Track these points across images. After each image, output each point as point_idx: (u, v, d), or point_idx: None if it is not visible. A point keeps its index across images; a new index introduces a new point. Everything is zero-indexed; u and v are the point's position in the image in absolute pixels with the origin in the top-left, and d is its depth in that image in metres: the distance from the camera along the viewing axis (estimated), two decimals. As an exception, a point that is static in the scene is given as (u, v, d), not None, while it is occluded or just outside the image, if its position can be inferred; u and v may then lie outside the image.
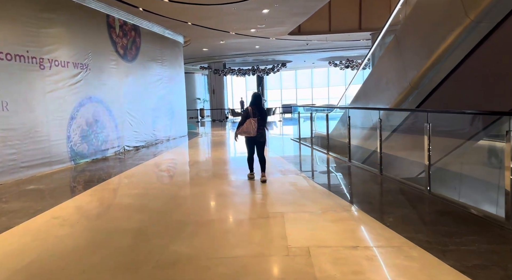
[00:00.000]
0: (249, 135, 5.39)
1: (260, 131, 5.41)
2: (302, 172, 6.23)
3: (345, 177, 5.92)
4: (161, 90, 11.76)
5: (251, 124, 5.33)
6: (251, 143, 5.54)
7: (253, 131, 5.32)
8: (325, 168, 6.77)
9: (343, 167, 6.49)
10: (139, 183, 5.72)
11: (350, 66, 21.82)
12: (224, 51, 18.10)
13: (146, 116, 10.73)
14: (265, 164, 5.54)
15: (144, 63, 10.75)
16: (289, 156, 8.60)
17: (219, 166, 7.14)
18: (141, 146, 10.39)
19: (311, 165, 7.22)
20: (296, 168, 6.60)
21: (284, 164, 7.00)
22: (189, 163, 7.70)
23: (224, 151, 9.76)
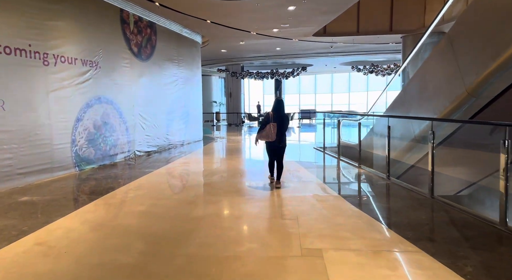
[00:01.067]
0: (268, 140, 5.44)
1: (280, 136, 5.39)
2: (334, 190, 5.35)
3: (388, 199, 5.01)
4: (177, 92, 11.07)
5: (270, 129, 5.37)
6: (271, 149, 5.55)
7: (272, 136, 5.36)
8: (361, 186, 5.86)
9: (381, 186, 5.58)
10: (146, 197, 4.96)
11: (374, 71, 20.76)
12: (243, 53, 17.38)
13: (159, 119, 10.05)
14: (281, 172, 5.54)
15: (159, 63, 10.09)
16: (315, 167, 7.72)
17: (236, 178, 6.33)
18: (153, 151, 9.69)
19: (344, 182, 6.33)
20: (327, 184, 5.72)
21: (310, 178, 6.15)
22: (204, 173, 6.92)
23: (241, 159, 8.95)
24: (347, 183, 6.08)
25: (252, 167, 7.78)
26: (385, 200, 4.86)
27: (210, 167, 7.56)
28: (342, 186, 5.77)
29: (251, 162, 8.54)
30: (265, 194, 5.12)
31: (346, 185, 5.91)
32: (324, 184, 5.66)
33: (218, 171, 6.99)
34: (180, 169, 7.34)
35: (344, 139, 10.45)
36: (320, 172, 6.98)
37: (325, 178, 6.36)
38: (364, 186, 5.67)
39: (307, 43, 14.10)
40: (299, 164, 7.58)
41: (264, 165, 7.52)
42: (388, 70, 20.33)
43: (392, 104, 7.43)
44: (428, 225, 3.78)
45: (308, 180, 6.04)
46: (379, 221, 3.84)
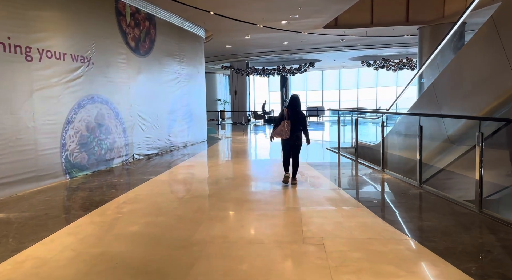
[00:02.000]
0: (282, 137, 5.38)
1: (295, 134, 5.33)
2: (360, 201, 4.58)
3: (427, 214, 4.22)
4: (178, 90, 10.34)
5: (283, 126, 5.29)
6: (286, 146, 5.49)
7: (286, 134, 5.29)
8: (390, 196, 5.08)
9: (414, 196, 4.80)
10: (142, 213, 4.24)
11: (385, 66, 19.88)
12: (248, 48, 16.59)
13: (160, 120, 9.33)
14: (297, 169, 5.53)
15: (159, 59, 9.35)
16: (331, 172, 6.95)
17: (245, 186, 5.59)
18: (154, 154, 8.97)
19: (369, 191, 5.55)
20: (349, 193, 4.95)
21: (328, 185, 5.38)
22: (208, 180, 6.18)
23: (248, 163, 8.20)
24: (373, 193, 5.29)
25: (261, 171, 7.04)
26: (425, 216, 4.07)
27: (215, 173, 6.82)
28: (368, 196, 5.00)
29: (260, 166, 7.80)
30: (280, 207, 4.37)
31: (373, 195, 5.12)
32: (346, 194, 4.90)
33: (224, 177, 6.25)
34: (182, 176, 6.61)
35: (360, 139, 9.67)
36: (339, 178, 6.20)
37: (346, 186, 5.58)
38: (394, 196, 4.89)
39: (316, 36, 13.29)
40: (314, 168, 6.82)
41: (274, 169, 6.80)
42: (400, 65, 19.44)
43: (419, 101, 6.63)
44: (491, 253, 3.00)
45: (327, 189, 5.27)
46: (426, 247, 3.07)
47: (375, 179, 5.90)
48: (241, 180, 6.05)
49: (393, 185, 5.34)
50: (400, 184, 5.35)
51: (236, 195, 5.04)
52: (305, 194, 4.99)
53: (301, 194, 5.01)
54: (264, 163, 8.02)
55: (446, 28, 11.98)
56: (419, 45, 12.63)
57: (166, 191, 5.34)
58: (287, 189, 5.27)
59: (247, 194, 5.08)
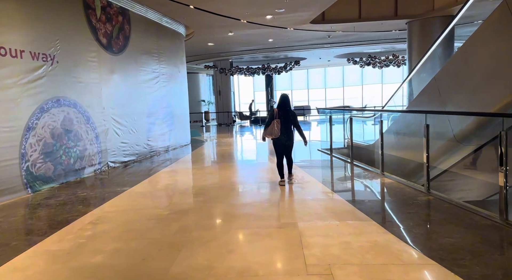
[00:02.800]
0: (272, 137, 5.32)
1: (286, 133, 5.28)
2: (365, 212, 3.99)
3: (446, 228, 3.62)
4: (158, 90, 9.61)
5: (273, 126, 5.23)
6: (278, 146, 5.43)
7: (276, 133, 5.24)
8: (398, 205, 4.51)
9: (425, 204, 4.25)
10: (110, 237, 3.56)
11: (371, 63, 19.54)
12: (232, 47, 15.93)
13: (138, 123, 8.58)
14: (292, 166, 5.52)
15: (135, 57, 8.61)
16: (327, 177, 6.37)
17: (234, 198, 4.95)
18: (132, 161, 8.22)
19: (373, 199, 4.98)
20: (352, 204, 4.37)
21: (327, 193, 4.79)
22: (192, 190, 5.50)
23: (236, 168, 7.56)
24: (377, 202, 4.69)
25: (249, 177, 6.40)
26: (443, 230, 3.48)
27: (199, 181, 6.15)
28: (372, 206, 4.41)
29: (248, 171, 7.16)
30: (274, 223, 3.75)
31: (378, 205, 4.53)
32: (348, 204, 4.31)
33: (210, 186, 5.59)
34: (162, 186, 5.91)
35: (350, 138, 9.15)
36: (337, 184, 5.61)
37: (346, 194, 4.99)
38: (401, 205, 4.32)
39: (302, 32, 12.74)
40: (307, 172, 6.23)
41: (263, 175, 6.18)
42: (387, 62, 19.14)
43: (418, 98, 6.11)
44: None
45: (324, 197, 4.68)
46: (458, 275, 2.50)
47: (376, 184, 5.34)
48: (228, 189, 5.39)
49: (397, 191, 4.78)
50: (405, 190, 4.80)
51: (223, 208, 4.39)
52: (301, 204, 4.38)
53: (297, 204, 4.40)
54: (252, 168, 7.40)
55: (436, 21, 11.66)
56: (408, 40, 12.24)
57: (142, 206, 4.64)
58: (280, 197, 4.66)
59: (236, 207, 4.44)
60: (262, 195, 4.93)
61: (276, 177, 5.60)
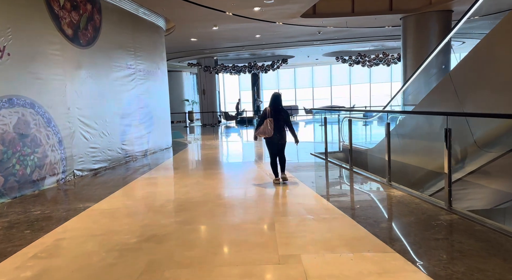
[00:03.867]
0: (266, 136, 5.34)
1: (279, 132, 5.32)
2: (383, 239, 3.23)
3: (491, 261, 2.81)
4: (134, 88, 8.68)
5: (266, 125, 5.25)
6: (270, 145, 5.46)
7: (269, 132, 5.26)
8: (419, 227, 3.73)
9: (451, 226, 3.51)
10: (60, 275, 2.68)
11: (361, 61, 18.95)
12: (217, 43, 15.05)
13: (110, 125, 7.64)
14: (285, 163, 5.54)
15: (107, 51, 7.66)
16: (325, 187, 5.60)
17: (219, 218, 4.11)
18: (103, 168, 7.28)
19: (386, 219, 4.22)
20: (363, 224, 3.60)
21: (330, 210, 4.01)
22: (169, 207, 4.63)
23: (222, 176, 6.72)
24: (395, 224, 3.85)
25: (238, 188, 5.57)
26: (491, 268, 2.73)
27: (179, 194, 5.28)
28: (390, 229, 3.57)
29: (236, 179, 6.32)
30: (272, 255, 2.94)
31: (396, 227, 3.66)
32: (359, 226, 3.53)
33: (191, 201, 4.74)
34: (133, 201, 5.02)
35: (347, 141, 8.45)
36: (341, 199, 4.79)
37: (353, 211, 4.19)
38: (425, 228, 3.51)
39: (292, 28, 11.98)
40: (303, 183, 5.44)
41: (253, 183, 5.37)
42: (377, 60, 18.59)
43: (429, 97, 5.40)
44: None
45: (330, 217, 3.89)
46: None
47: (385, 198, 4.59)
48: (214, 204, 4.56)
49: (413, 208, 4.04)
50: (422, 206, 4.07)
51: (207, 233, 3.56)
52: (302, 227, 3.59)
53: (297, 226, 3.60)
54: (240, 175, 6.57)
55: (432, 16, 11.07)
56: (402, 36, 11.65)
57: (105, 230, 3.76)
58: (276, 216, 3.86)
59: (223, 231, 3.61)
60: (254, 213, 4.12)
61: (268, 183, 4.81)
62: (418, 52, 11.16)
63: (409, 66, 11.38)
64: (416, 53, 11.22)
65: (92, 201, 4.84)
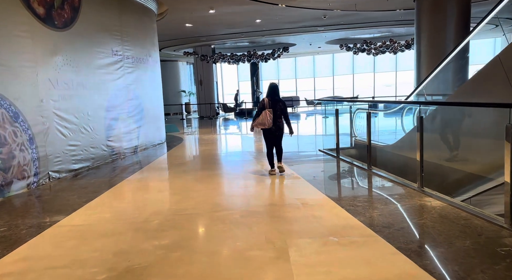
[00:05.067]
0: (264, 127, 5.27)
1: (277, 123, 5.28)
2: (432, 273, 2.39)
3: None
4: (122, 77, 7.76)
5: (266, 116, 5.19)
6: (268, 136, 5.40)
7: (268, 123, 5.21)
8: (481, 255, 2.86)
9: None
10: None
11: (366, 49, 17.99)
12: (214, 29, 14.04)
13: (94, 119, 6.75)
14: (281, 154, 5.47)
15: (88, 35, 6.72)
16: (344, 195, 4.74)
17: (218, 239, 3.25)
18: (86, 167, 6.42)
19: (439, 244, 3.35)
20: (403, 251, 2.76)
21: (356, 228, 3.16)
22: (154, 225, 3.76)
23: (221, 178, 5.86)
24: (446, 248, 2.85)
25: (239, 195, 4.72)
26: None
27: (168, 205, 4.42)
28: (443, 258, 2.71)
29: (236, 183, 5.44)
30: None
31: (451, 255, 2.76)
32: (402, 256, 2.67)
33: (182, 214, 3.89)
34: (113, 212, 4.14)
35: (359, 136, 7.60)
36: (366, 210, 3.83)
37: (388, 231, 3.28)
38: (488, 258, 2.67)
39: (295, 11, 11.01)
40: (315, 188, 4.59)
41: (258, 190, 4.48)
42: (383, 48, 17.63)
43: (469, 85, 4.51)
44: None
45: (358, 238, 3.04)
46: None
47: (423, 210, 3.73)
48: (209, 219, 3.70)
49: (463, 226, 3.18)
50: (474, 223, 3.21)
51: (199, 267, 2.70)
52: (325, 255, 2.74)
53: (319, 256, 2.75)
54: (240, 176, 5.71)
55: None
56: (416, 19, 10.67)
57: (66, 261, 2.89)
58: (288, 237, 3.01)
59: (220, 264, 2.76)
60: (260, 231, 3.27)
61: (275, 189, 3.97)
62: (434, 37, 10.23)
63: (424, 52, 10.45)
64: (432, 38, 10.29)
65: (63, 213, 3.98)
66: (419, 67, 10.68)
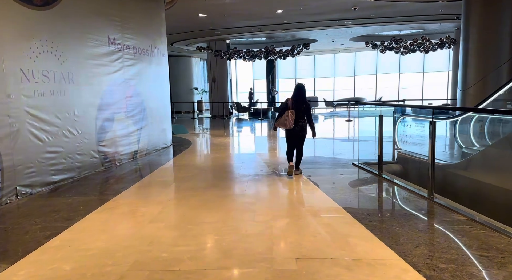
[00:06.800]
0: (285, 127, 5.28)
1: (299, 124, 5.24)
2: None
3: None
4: (120, 71, 6.57)
5: (287, 116, 5.19)
6: (290, 137, 5.37)
7: (289, 124, 5.19)
8: None
9: None
10: None
11: (395, 47, 16.46)
12: (229, 21, 12.78)
13: (82, 120, 5.57)
14: (300, 159, 5.44)
15: (78, 17, 5.53)
16: (428, 259, 3.40)
17: None
18: (69, 179, 5.23)
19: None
20: None
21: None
22: None
23: (235, 204, 4.59)
24: None
25: (259, 236, 3.43)
26: None
27: (157, 251, 3.14)
28: None
29: (254, 212, 4.15)
30: None
31: None
32: None
33: (175, 274, 2.64)
34: (75, 261, 2.88)
35: (403, 148, 6.26)
36: (452, 276, 2.60)
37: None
38: None
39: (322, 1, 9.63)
40: (364, 227, 3.28)
41: (285, 217, 3.15)
42: (414, 46, 16.08)
43: None
44: None
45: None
46: None
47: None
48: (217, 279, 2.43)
49: None
50: None
51: None
52: None
53: None
54: (261, 199, 4.42)
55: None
56: (464, 12, 9.19)
57: None
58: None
59: None
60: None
61: (313, 226, 2.67)
62: (485, 32, 8.75)
63: (472, 49, 8.98)
64: (482, 34, 8.81)
65: (6, 260, 2.77)
66: (466, 67, 9.20)
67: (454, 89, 16.31)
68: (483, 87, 8.92)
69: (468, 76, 9.16)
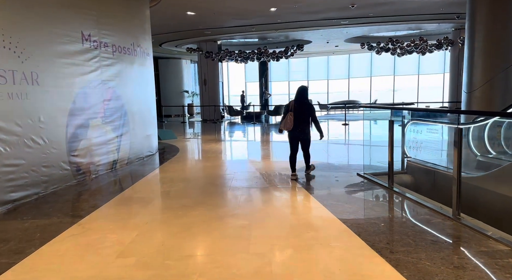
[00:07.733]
0: (287, 129, 5.33)
1: (300, 127, 5.27)
2: None
3: None
4: (97, 71, 5.84)
5: (287, 119, 5.26)
6: (292, 139, 5.42)
7: (289, 126, 5.25)
8: None
9: None
10: None
11: (391, 49, 15.97)
12: (220, 19, 12.10)
13: (49, 127, 4.83)
14: (309, 160, 5.51)
15: (43, 9, 4.82)
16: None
17: None
18: (33, 195, 4.49)
19: None
20: None
21: None
22: None
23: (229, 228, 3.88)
24: None
25: (256, 269, 2.77)
26: None
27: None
28: None
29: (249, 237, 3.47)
30: None
31: None
32: None
33: None
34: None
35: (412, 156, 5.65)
36: None
37: None
38: None
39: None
40: (385, 260, 2.64)
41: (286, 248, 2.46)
42: (411, 47, 15.60)
43: None
44: None
45: None
46: None
47: None
48: None
49: None
50: None
51: None
52: None
53: None
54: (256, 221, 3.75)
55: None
56: (469, 10, 8.66)
57: None
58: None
59: None
60: None
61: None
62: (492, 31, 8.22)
63: (478, 49, 8.43)
64: (489, 33, 8.28)
65: None
66: (471, 67, 8.65)
67: (453, 91, 15.86)
68: (490, 89, 8.40)
69: (474, 78, 8.61)
